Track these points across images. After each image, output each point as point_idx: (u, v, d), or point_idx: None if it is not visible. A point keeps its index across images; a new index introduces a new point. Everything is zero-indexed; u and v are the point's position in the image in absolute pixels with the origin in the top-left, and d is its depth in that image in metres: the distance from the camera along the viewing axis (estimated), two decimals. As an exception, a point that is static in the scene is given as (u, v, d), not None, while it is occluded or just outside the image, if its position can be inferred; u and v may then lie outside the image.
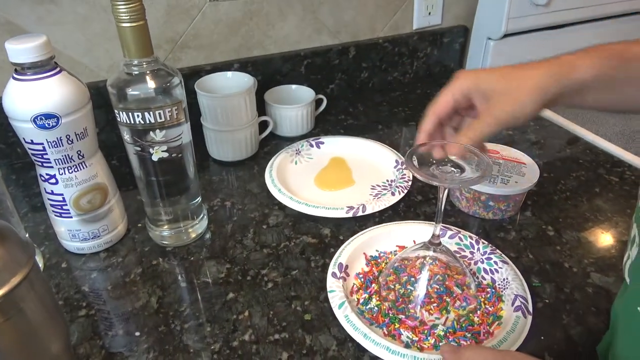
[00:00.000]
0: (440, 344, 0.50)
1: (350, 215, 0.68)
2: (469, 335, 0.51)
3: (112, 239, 0.64)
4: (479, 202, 0.67)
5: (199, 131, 0.81)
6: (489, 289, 0.56)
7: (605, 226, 0.68)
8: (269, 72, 0.95)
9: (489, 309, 0.54)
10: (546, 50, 1.15)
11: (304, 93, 0.91)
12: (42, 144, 0.53)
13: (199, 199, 0.65)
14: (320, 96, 0.94)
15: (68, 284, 0.59)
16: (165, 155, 0.57)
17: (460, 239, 0.63)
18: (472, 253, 0.61)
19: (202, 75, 0.82)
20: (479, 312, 0.54)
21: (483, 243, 0.62)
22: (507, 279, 0.57)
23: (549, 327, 0.53)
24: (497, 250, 0.61)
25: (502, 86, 0.48)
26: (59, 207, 0.59)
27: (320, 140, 0.85)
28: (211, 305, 0.56)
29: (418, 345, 0.50)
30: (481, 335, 0.51)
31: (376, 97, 1.05)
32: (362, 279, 0.58)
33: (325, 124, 0.94)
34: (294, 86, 0.93)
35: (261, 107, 0.87)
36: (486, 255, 0.60)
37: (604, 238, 0.66)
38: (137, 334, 0.53)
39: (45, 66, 0.52)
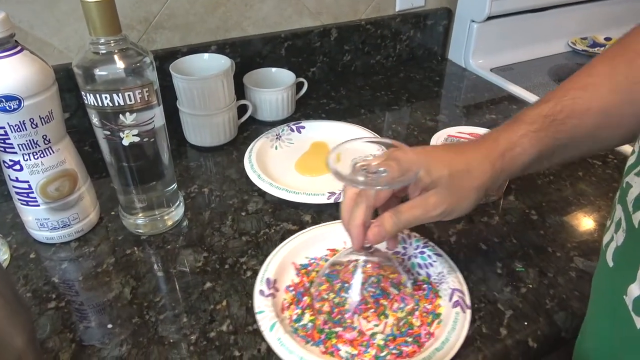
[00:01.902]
0: (382, 354, 0.47)
1: (331, 201, 0.66)
2: (410, 339, 0.48)
3: (84, 227, 0.61)
4: (462, 186, 0.66)
5: (175, 116, 0.78)
6: (425, 285, 0.54)
7: (589, 210, 0.67)
8: (248, 55, 0.92)
9: (427, 307, 0.51)
10: (529, 33, 1.14)
11: (284, 76, 0.88)
12: (3, 127, 0.50)
13: (174, 185, 0.63)
14: (301, 79, 0.91)
15: (37, 275, 0.57)
16: (137, 139, 0.54)
17: None
18: (404, 248, 0.58)
19: (177, 58, 0.79)
20: (417, 312, 0.51)
21: (415, 236, 0.58)
22: (442, 272, 0.54)
23: (533, 312, 0.52)
24: (430, 243, 0.58)
25: (447, 182, 0.45)
26: (25, 194, 0.56)
27: (301, 124, 0.83)
28: (188, 295, 0.54)
29: (359, 359, 0.47)
30: (422, 337, 0.48)
31: (358, 80, 1.03)
32: (293, 292, 0.53)
33: (306, 108, 0.92)
34: (273, 69, 0.90)
35: (240, 91, 0.84)
36: (419, 250, 0.57)
37: (587, 222, 0.65)
38: (110, 326, 0.51)
39: (5, 44, 0.48)
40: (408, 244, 0.58)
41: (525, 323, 0.51)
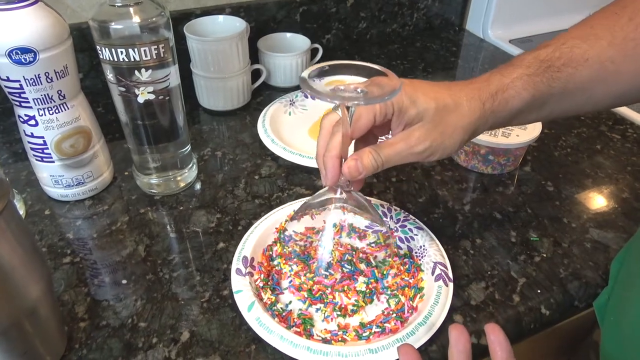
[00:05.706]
0: (364, 333, 0.46)
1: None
2: (393, 315, 0.47)
3: (98, 186, 0.61)
4: (478, 155, 0.65)
5: (188, 80, 0.77)
6: (406, 260, 0.52)
7: (606, 183, 0.66)
8: (263, 19, 0.90)
9: (409, 281, 0.50)
10: (550, 5, 1.10)
11: (299, 42, 0.87)
12: (19, 81, 0.50)
13: (188, 147, 0.63)
14: (316, 45, 0.90)
15: (51, 231, 0.57)
16: (152, 97, 0.53)
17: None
18: (385, 222, 0.56)
19: (191, 20, 0.78)
20: (398, 286, 0.50)
21: (395, 210, 0.57)
22: (423, 246, 0.53)
23: (546, 280, 0.52)
24: (411, 216, 0.56)
25: (433, 116, 0.42)
26: (40, 150, 0.56)
27: (315, 91, 0.82)
28: (201, 254, 0.54)
29: (340, 338, 0.45)
30: (405, 312, 0.47)
31: (374, 49, 1.01)
32: (266, 274, 0.52)
33: (320, 75, 0.91)
34: (288, 34, 0.89)
35: (254, 56, 0.83)
36: (400, 223, 0.56)
37: (604, 194, 0.64)
38: (124, 281, 0.51)
39: (20, -5, 0.48)
40: (389, 218, 0.57)
41: (538, 291, 0.51)
